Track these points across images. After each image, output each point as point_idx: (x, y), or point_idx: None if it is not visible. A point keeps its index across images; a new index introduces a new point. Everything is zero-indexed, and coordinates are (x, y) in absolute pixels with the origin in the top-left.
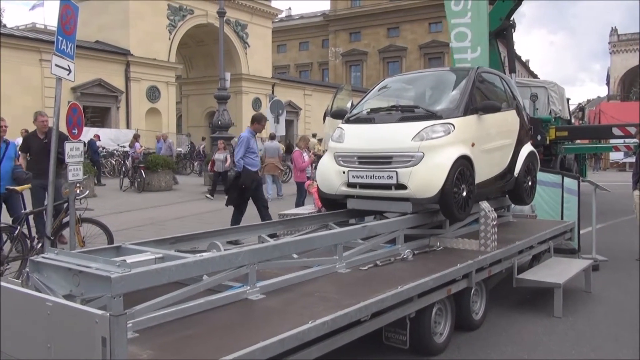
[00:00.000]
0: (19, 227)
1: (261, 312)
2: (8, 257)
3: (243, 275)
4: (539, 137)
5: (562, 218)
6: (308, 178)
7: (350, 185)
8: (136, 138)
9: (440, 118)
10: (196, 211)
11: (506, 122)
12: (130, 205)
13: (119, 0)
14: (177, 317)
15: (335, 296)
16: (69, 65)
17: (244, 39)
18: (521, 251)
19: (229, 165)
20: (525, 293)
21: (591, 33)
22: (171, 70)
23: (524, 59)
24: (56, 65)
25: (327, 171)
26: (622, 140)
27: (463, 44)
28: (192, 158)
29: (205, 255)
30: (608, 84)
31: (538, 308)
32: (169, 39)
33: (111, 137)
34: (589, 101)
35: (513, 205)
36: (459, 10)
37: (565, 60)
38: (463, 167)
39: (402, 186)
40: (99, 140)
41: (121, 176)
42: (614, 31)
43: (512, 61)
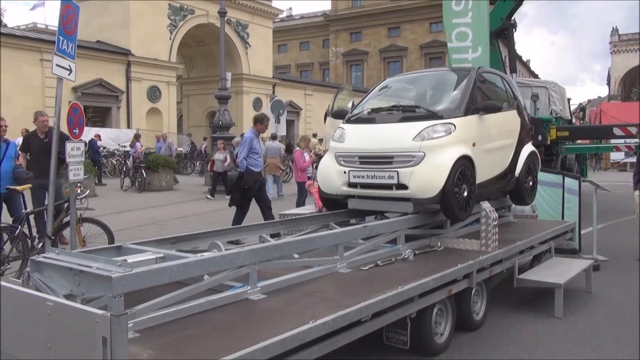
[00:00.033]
0: (19, 226)
1: (262, 312)
2: (9, 257)
3: (244, 275)
4: (540, 137)
5: (562, 218)
6: (309, 178)
7: (351, 185)
8: (137, 138)
9: (441, 118)
10: (197, 211)
11: (507, 122)
12: (131, 205)
13: (120, 0)
14: (178, 317)
15: (336, 296)
16: (69, 65)
17: (244, 38)
18: (522, 251)
19: (228, 165)
20: (526, 293)
21: (592, 33)
22: (172, 70)
23: (524, 58)
24: (57, 65)
25: (328, 171)
26: (622, 140)
27: (464, 44)
28: (192, 158)
29: (206, 255)
30: (609, 84)
31: (539, 308)
32: (170, 38)
33: (112, 136)
34: (589, 101)
35: (514, 206)
36: (459, 10)
37: (566, 60)
38: (464, 167)
39: (403, 186)
40: (100, 140)
41: (122, 176)
42: (614, 31)
43: (513, 61)
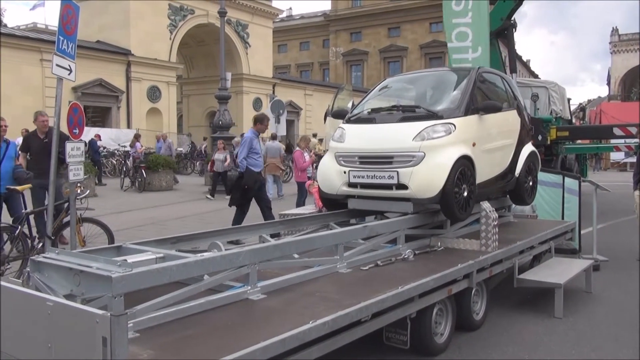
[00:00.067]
0: (19, 226)
1: (262, 312)
2: (9, 257)
3: (244, 275)
4: (540, 137)
5: (562, 218)
6: (309, 178)
7: (351, 185)
8: (137, 138)
9: (441, 118)
10: (197, 211)
11: (507, 122)
12: (131, 205)
13: (120, 0)
14: (178, 317)
15: (336, 296)
16: (69, 65)
17: (244, 38)
18: (522, 251)
19: (227, 164)
20: (526, 293)
21: (592, 33)
22: (172, 70)
23: (524, 58)
24: (57, 65)
25: (328, 171)
26: (622, 140)
27: (464, 44)
28: (192, 158)
29: (206, 255)
30: (609, 84)
31: (539, 308)
32: (170, 38)
33: (112, 136)
34: (589, 101)
35: (514, 206)
36: (459, 10)
37: (566, 60)
38: (464, 167)
39: (403, 186)
40: (100, 140)
41: (122, 176)
42: (614, 31)
43: (513, 61)
